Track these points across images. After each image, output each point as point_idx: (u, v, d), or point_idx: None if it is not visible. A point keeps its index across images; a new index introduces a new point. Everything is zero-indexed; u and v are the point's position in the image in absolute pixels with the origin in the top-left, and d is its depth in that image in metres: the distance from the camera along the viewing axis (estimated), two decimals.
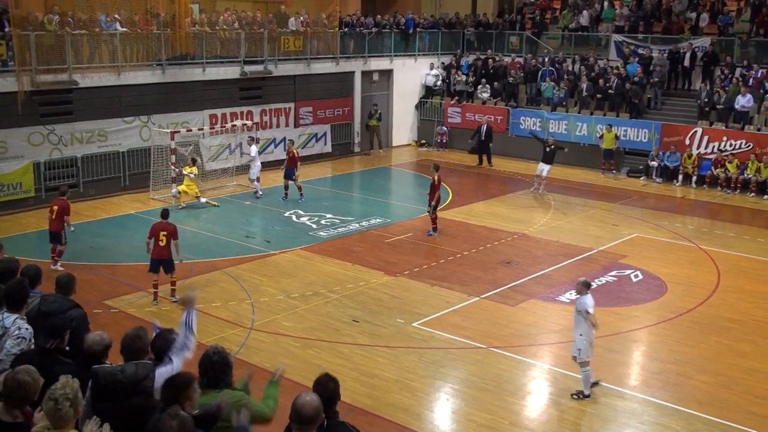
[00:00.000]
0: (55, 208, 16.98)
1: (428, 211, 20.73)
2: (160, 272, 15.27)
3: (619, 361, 13.27)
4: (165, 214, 15.58)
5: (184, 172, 22.85)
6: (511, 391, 12.08)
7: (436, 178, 20.54)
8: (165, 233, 15.13)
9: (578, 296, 11.99)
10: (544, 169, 25.26)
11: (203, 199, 23.10)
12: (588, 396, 11.87)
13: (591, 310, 11.70)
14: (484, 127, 30.16)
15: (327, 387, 5.84)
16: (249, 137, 24.73)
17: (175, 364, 6.34)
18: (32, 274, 8.44)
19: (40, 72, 22.42)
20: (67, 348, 6.75)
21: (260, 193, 24.17)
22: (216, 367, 6.13)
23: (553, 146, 25.37)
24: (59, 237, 17.01)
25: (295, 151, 24.35)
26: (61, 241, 17.07)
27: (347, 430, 5.75)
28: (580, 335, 11.86)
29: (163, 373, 6.05)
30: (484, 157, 30.29)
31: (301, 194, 23.89)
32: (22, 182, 22.33)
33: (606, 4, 34.64)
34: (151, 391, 5.88)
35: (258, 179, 24.23)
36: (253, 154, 24.14)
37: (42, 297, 8.29)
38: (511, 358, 13.18)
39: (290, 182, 23.95)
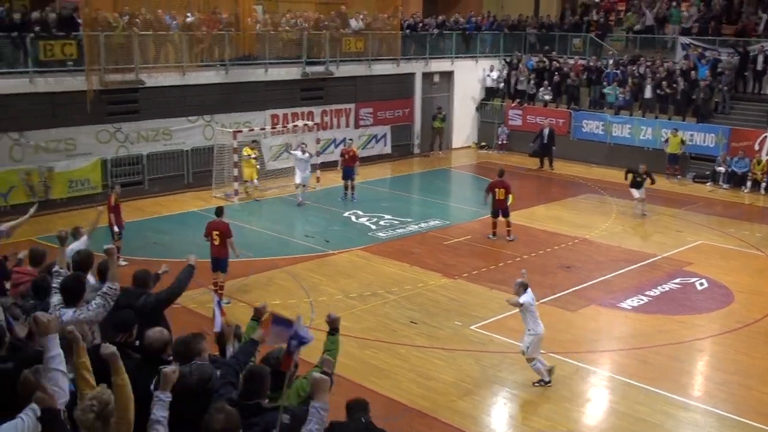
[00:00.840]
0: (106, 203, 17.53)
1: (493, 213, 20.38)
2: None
3: (682, 371, 13.03)
4: (218, 212, 15.63)
5: (244, 155, 23.39)
6: (570, 397, 11.95)
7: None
8: (218, 232, 15.27)
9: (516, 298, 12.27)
10: (636, 192, 23.38)
11: (255, 182, 23.63)
12: (549, 382, 12.04)
13: (521, 300, 12.13)
14: (546, 130, 29.87)
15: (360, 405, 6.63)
16: (301, 144, 23.82)
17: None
18: (104, 268, 8.72)
19: (108, 72, 23.02)
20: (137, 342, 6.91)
21: (301, 199, 23.30)
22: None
23: (644, 175, 23.28)
24: (112, 233, 17.50)
25: (355, 150, 24.40)
26: (113, 237, 17.51)
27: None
28: (530, 332, 12.12)
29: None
30: (546, 161, 30.02)
31: (353, 194, 24.05)
32: (90, 178, 22.97)
33: (673, 4, 33.99)
34: (214, 393, 5.98)
35: (304, 186, 23.44)
36: (300, 156, 23.20)
37: (122, 290, 8.57)
38: (570, 364, 13.04)
39: (348, 182, 24.08)
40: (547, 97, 32.59)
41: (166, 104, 24.54)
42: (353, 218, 22.14)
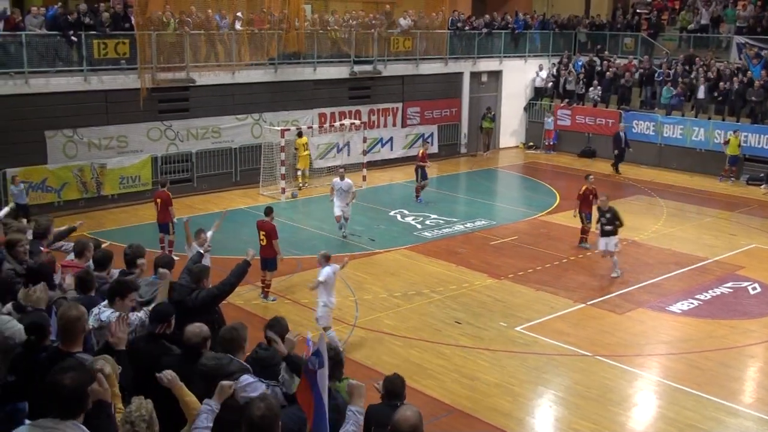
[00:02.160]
0: (159, 200, 17.63)
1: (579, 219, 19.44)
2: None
3: (733, 377, 12.74)
4: (267, 211, 15.65)
5: (297, 148, 23.54)
6: (617, 401, 11.78)
7: (586, 188, 19.39)
8: (264, 232, 15.35)
9: (319, 268, 12.72)
10: (605, 242, 17.65)
11: (306, 171, 23.64)
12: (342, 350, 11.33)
13: (321, 278, 12.64)
14: (623, 134, 29.16)
15: (393, 382, 6.79)
16: (340, 170, 20.46)
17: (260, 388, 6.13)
18: (165, 262, 8.82)
19: (160, 70, 23.35)
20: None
21: (344, 230, 19.95)
22: (330, 363, 6.31)
23: (609, 215, 17.73)
24: (167, 228, 17.67)
25: (423, 150, 24.14)
26: (169, 231, 17.71)
27: None
28: (323, 304, 12.77)
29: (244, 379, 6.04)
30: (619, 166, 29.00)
31: (418, 195, 23.92)
32: (141, 175, 23.33)
33: (730, 4, 33.29)
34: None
35: (345, 219, 19.91)
36: (339, 185, 19.55)
37: (173, 284, 8.67)
38: (617, 368, 12.86)
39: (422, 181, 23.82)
40: (597, 97, 32.18)
41: (215, 102, 24.80)
42: (399, 217, 22.12)
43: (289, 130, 24.61)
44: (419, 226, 21.20)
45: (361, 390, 5.75)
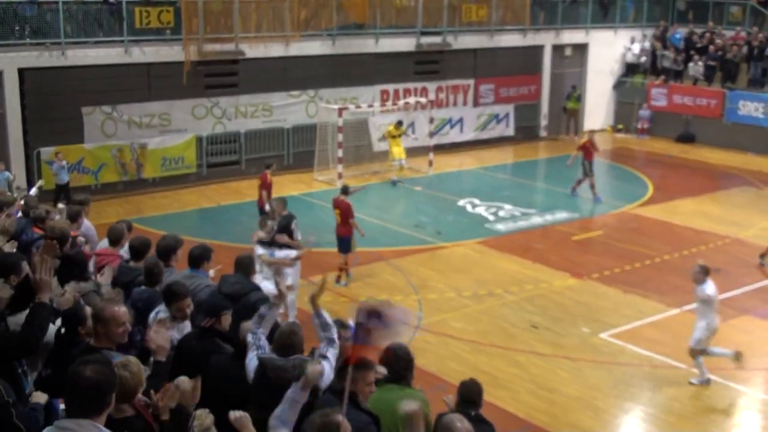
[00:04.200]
0: (258, 182, 18.53)
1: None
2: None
3: None
4: (344, 189, 16.54)
5: (384, 138, 23.99)
6: (716, 421, 11.62)
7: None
8: (338, 210, 15.99)
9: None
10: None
11: (400, 162, 23.80)
12: None
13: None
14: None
15: (470, 389, 6.80)
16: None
17: (332, 362, 6.42)
18: (197, 254, 8.88)
19: (206, 41, 23.64)
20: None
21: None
22: (400, 362, 6.57)
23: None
24: (261, 212, 18.19)
25: (590, 140, 23.22)
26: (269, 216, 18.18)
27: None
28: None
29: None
30: None
31: (574, 188, 23.28)
32: (184, 157, 23.70)
33: None
34: (319, 389, 6.06)
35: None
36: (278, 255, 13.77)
37: (223, 277, 8.75)
38: (717, 383, 12.63)
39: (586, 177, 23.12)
40: (697, 74, 31.49)
41: (266, 77, 25.02)
42: (469, 207, 22.03)
43: (347, 108, 24.68)
44: (491, 218, 21.08)
45: (418, 420, 5.63)
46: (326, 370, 6.28)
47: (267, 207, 17.86)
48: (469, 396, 6.74)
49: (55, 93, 21.48)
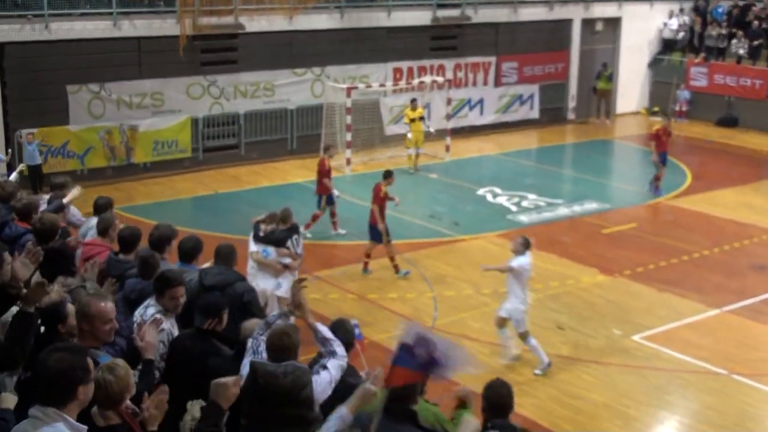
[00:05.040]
0: (316, 167, 18.79)
1: None
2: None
3: None
4: (385, 174, 16.80)
5: (407, 124, 23.82)
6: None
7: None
8: (373, 196, 16.31)
9: None
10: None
11: (416, 150, 23.72)
12: None
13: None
14: None
15: (500, 393, 6.50)
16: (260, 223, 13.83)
17: (332, 374, 6.37)
18: (189, 247, 8.89)
19: (203, 14, 23.65)
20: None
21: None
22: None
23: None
24: (319, 199, 18.58)
25: (663, 128, 22.82)
26: (319, 205, 18.56)
27: None
28: None
29: (318, 382, 6.15)
30: None
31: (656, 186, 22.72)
32: (178, 140, 23.74)
33: None
34: (313, 401, 6.03)
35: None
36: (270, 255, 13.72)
37: (202, 270, 8.75)
38: (760, 391, 12.65)
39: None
40: (741, 52, 31.37)
41: (268, 54, 25.04)
42: (489, 197, 22.02)
43: (356, 88, 24.66)
44: (514, 209, 21.07)
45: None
46: (325, 380, 6.24)
47: (336, 193, 18.52)
48: (499, 400, 6.54)
49: (37, 70, 21.54)
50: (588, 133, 30.23)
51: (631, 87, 33.55)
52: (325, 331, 6.63)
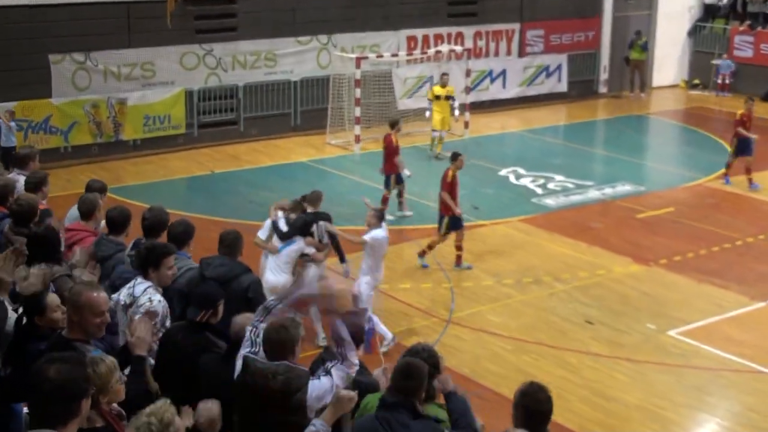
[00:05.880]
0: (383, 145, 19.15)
1: None
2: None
3: None
4: (452, 156, 16.74)
5: (430, 100, 23.70)
6: None
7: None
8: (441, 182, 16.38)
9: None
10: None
11: (440, 133, 23.66)
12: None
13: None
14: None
15: (537, 399, 6.11)
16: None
17: (335, 381, 6.33)
18: (179, 232, 8.88)
19: None
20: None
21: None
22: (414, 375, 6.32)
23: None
24: (390, 180, 18.78)
25: (748, 111, 22.18)
26: (388, 185, 18.80)
27: None
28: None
29: (317, 386, 6.12)
30: None
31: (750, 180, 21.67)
32: (171, 115, 23.74)
33: None
34: (304, 407, 6.03)
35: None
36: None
37: (204, 260, 8.72)
38: None
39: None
40: None
41: (270, 20, 25.01)
42: (512, 178, 22.01)
43: (366, 58, 24.62)
44: (540, 191, 21.08)
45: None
46: (324, 386, 6.18)
47: (406, 172, 18.69)
48: (540, 407, 6.16)
49: (17, 38, 21.54)
50: (621, 108, 30.13)
51: (669, 58, 33.40)
52: (344, 330, 6.56)
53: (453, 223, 16.31)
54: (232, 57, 24.67)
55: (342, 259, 13.60)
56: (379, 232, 13.24)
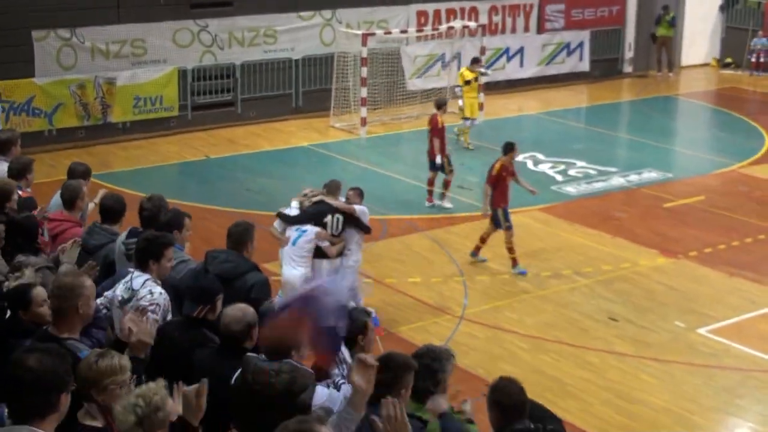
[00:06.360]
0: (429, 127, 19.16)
1: None
2: None
3: None
4: (504, 148, 16.60)
5: (459, 86, 23.46)
6: None
7: None
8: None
9: None
10: None
11: (474, 121, 23.55)
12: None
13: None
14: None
15: (509, 392, 6.28)
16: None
17: (343, 395, 6.29)
18: (167, 221, 8.83)
19: None
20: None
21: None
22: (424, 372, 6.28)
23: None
24: (433, 166, 18.79)
25: None
26: (444, 170, 18.82)
27: None
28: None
29: (326, 395, 6.13)
30: None
31: None
32: (164, 95, 23.74)
33: None
34: (309, 410, 6.02)
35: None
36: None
37: (209, 253, 8.66)
38: None
39: None
40: None
41: None
42: (530, 164, 21.98)
43: (373, 34, 24.59)
44: (560, 178, 21.09)
45: None
46: (334, 397, 6.12)
47: (438, 160, 18.61)
48: (512, 400, 6.27)
49: None
50: (647, 89, 30.09)
51: (699, 35, 33.34)
52: (346, 353, 6.66)
53: (503, 217, 16.13)
54: (229, 33, 24.66)
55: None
56: (365, 208, 13.39)
